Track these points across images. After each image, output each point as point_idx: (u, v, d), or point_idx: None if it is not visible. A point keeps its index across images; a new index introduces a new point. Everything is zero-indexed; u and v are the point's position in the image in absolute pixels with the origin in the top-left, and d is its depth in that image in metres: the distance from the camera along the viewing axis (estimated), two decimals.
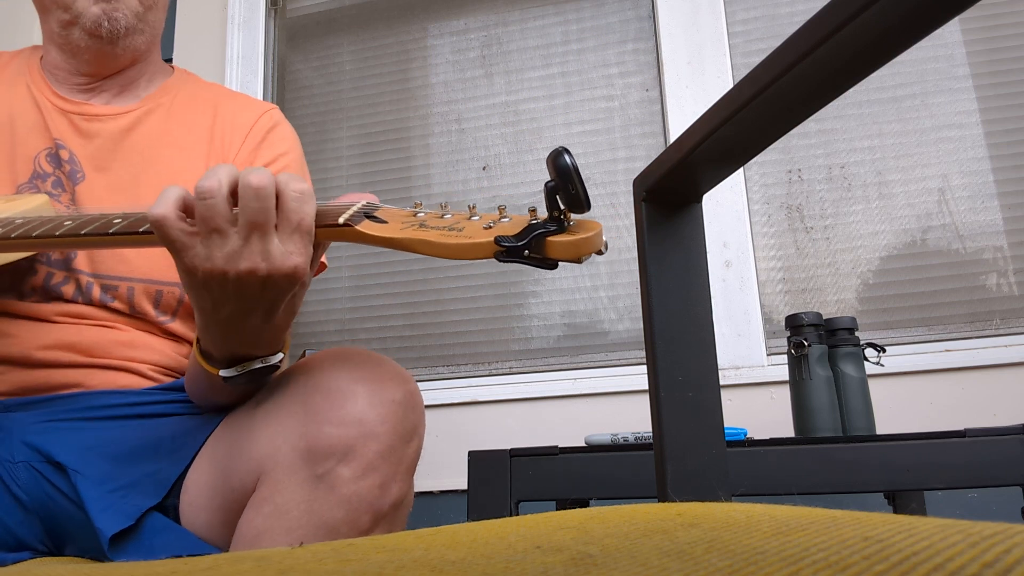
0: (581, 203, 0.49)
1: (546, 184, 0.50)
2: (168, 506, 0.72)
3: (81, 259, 0.82)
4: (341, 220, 0.57)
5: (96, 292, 0.82)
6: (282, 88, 1.94)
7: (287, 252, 0.58)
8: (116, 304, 0.82)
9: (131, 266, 0.83)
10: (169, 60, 1.90)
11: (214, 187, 0.56)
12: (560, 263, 0.52)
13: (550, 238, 0.51)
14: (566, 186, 0.49)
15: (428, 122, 1.82)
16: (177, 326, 0.86)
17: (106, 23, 0.86)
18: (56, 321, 0.81)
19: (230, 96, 0.99)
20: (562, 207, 0.50)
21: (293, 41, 1.97)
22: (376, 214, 0.58)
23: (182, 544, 0.68)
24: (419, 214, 0.57)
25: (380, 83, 1.87)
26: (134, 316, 0.83)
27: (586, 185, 0.49)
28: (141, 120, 0.91)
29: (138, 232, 0.62)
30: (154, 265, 0.83)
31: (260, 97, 1.86)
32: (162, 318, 0.85)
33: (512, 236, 0.51)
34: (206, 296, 0.60)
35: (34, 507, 0.74)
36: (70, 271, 0.82)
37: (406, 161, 1.82)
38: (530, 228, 0.51)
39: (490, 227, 0.53)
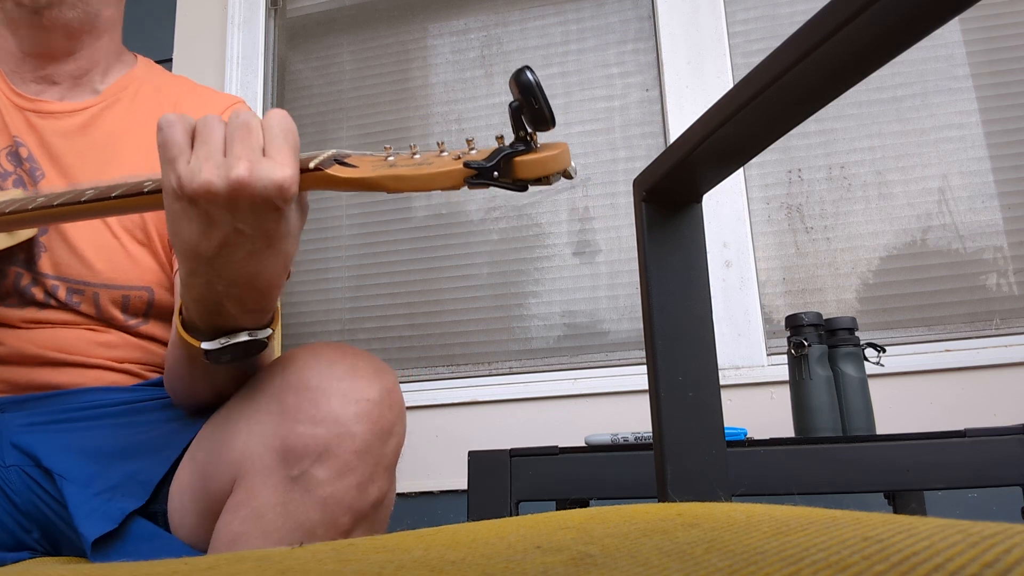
0: (546, 119, 0.50)
1: (510, 104, 0.51)
2: (156, 512, 0.71)
3: (44, 262, 0.81)
4: (312, 165, 0.57)
5: (62, 294, 0.81)
6: (282, 88, 1.94)
7: (274, 162, 0.55)
8: (84, 308, 0.82)
9: (94, 271, 0.82)
10: (169, 60, 1.90)
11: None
12: (530, 185, 0.53)
13: (517, 158, 0.52)
14: (529, 102, 0.49)
15: (428, 122, 1.82)
16: (151, 328, 0.85)
17: None
18: (35, 328, 0.80)
19: (193, 90, 0.96)
20: (528, 128, 0.52)
21: (293, 41, 1.97)
22: (347, 160, 0.58)
23: (168, 550, 0.66)
24: (389, 157, 0.58)
25: (380, 83, 1.87)
26: (103, 320, 0.83)
27: (551, 104, 0.50)
28: (99, 116, 0.89)
29: (110, 197, 0.62)
30: (118, 270, 0.83)
31: (260, 97, 1.86)
32: (132, 321, 0.84)
33: (481, 160, 0.53)
34: (193, 223, 0.56)
35: (27, 510, 0.73)
36: (35, 273, 0.81)
37: None
38: (498, 151, 0.53)
39: (459, 158, 0.54)
